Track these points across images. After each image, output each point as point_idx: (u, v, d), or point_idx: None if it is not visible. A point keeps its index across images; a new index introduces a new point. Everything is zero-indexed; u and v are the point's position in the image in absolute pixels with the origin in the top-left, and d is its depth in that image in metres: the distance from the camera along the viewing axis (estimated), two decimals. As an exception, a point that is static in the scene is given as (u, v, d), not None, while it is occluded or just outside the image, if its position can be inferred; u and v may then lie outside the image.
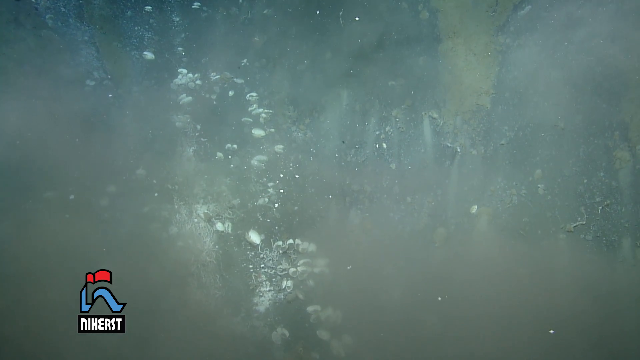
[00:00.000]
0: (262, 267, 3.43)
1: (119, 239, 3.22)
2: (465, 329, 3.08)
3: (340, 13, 3.46)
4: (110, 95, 3.41)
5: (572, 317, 3.00)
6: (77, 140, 3.29)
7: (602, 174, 3.22)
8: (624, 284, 3.06)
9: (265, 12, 3.64)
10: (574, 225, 3.20)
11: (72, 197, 3.22)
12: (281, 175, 3.49)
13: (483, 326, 3.07)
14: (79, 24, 3.52)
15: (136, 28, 3.62)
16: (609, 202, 3.20)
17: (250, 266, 3.42)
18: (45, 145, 3.25)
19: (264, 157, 3.53)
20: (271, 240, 3.46)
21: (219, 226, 3.44)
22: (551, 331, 2.98)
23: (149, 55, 3.60)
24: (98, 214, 3.25)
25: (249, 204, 3.48)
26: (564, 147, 3.27)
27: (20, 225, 3.12)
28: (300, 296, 3.34)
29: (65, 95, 3.37)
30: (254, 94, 3.61)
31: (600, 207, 3.21)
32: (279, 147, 3.54)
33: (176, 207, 3.42)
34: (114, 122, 3.43)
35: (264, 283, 3.39)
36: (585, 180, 3.23)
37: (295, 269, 3.39)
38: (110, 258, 3.12)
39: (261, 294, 3.38)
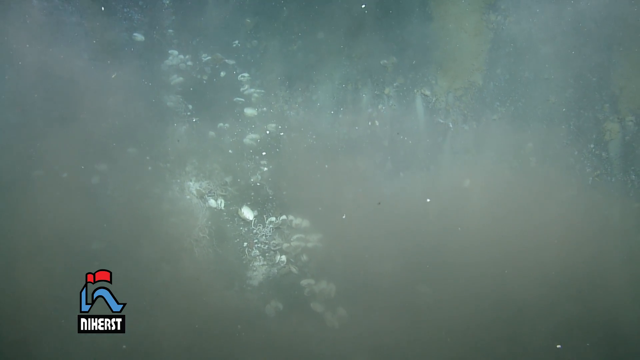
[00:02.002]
0: (256, 243, 3.44)
1: (112, 215, 3.21)
2: (459, 299, 3.12)
3: None
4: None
5: (563, 287, 3.06)
6: (67, 119, 3.28)
7: (592, 145, 3.27)
8: (613, 253, 3.12)
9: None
10: (565, 196, 3.24)
11: (65, 175, 3.22)
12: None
13: (476, 297, 3.11)
14: (66, 5, 3.48)
15: (125, 10, 3.58)
16: (598, 172, 3.24)
17: (245, 243, 3.42)
18: (35, 125, 3.23)
19: (256, 136, 3.53)
20: (264, 216, 3.47)
21: (212, 203, 3.44)
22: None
23: (138, 36, 3.57)
24: (90, 191, 3.24)
25: (242, 181, 3.48)
26: (555, 121, 3.31)
27: (11, 204, 3.12)
28: (294, 270, 3.36)
29: (54, 75, 3.34)
30: (245, 74, 3.59)
31: (591, 178, 3.25)
32: (271, 126, 3.54)
33: (168, 184, 3.40)
34: (104, 103, 3.41)
35: (257, 258, 3.41)
36: (576, 152, 3.27)
37: (288, 244, 3.40)
38: (103, 235, 3.13)
39: (254, 269, 3.39)
